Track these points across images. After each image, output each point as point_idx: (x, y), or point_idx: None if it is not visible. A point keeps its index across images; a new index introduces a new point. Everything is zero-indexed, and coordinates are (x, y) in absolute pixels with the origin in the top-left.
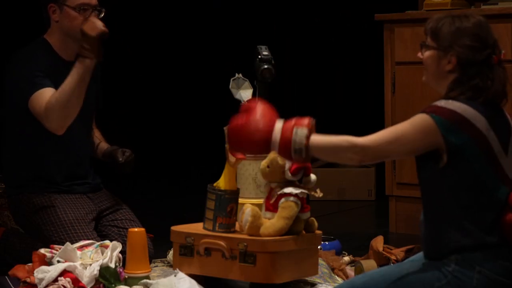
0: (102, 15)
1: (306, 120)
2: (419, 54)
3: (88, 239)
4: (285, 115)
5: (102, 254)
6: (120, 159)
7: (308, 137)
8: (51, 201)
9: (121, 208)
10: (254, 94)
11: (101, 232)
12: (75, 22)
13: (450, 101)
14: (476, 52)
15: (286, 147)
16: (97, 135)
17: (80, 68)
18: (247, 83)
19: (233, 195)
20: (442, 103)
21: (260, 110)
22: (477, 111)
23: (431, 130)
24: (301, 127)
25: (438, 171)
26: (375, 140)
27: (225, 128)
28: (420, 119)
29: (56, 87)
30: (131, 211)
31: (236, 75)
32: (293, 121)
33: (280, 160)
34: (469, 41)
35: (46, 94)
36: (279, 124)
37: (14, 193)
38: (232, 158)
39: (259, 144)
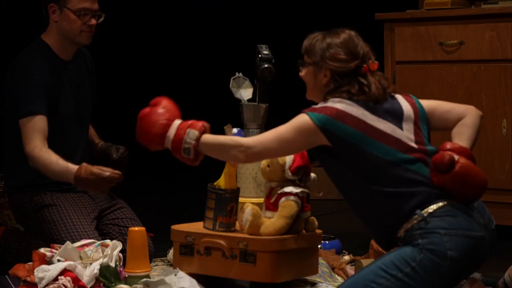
0: (101, 20)
1: (200, 123)
2: (300, 73)
3: (89, 238)
4: (285, 114)
5: (103, 253)
6: (114, 156)
7: (198, 139)
8: (53, 200)
9: (121, 207)
10: (254, 93)
11: (102, 230)
12: (73, 25)
13: (327, 100)
14: (346, 63)
15: (178, 145)
16: (91, 132)
17: (67, 178)
18: (247, 82)
19: (234, 194)
20: (320, 103)
21: (164, 105)
22: (353, 102)
23: (310, 128)
24: (193, 129)
25: (338, 164)
26: (258, 140)
27: (225, 127)
28: (298, 119)
29: (55, 87)
30: (132, 210)
31: (237, 74)
32: (189, 122)
33: (280, 159)
34: (338, 54)
35: (36, 127)
36: (176, 122)
37: (15, 192)
38: None
39: (155, 137)
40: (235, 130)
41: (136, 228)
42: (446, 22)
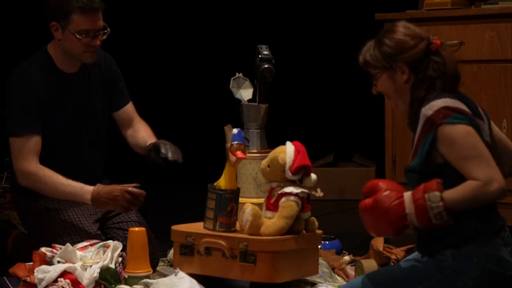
0: (106, 36)
1: (433, 183)
2: (374, 90)
3: (92, 238)
4: (286, 114)
5: (104, 254)
6: (170, 157)
7: (443, 199)
8: (54, 205)
9: None
10: (254, 94)
11: (106, 234)
12: (76, 46)
13: (434, 102)
14: (416, 48)
15: (424, 216)
16: (143, 131)
17: (80, 198)
18: (247, 83)
19: (234, 194)
20: (434, 107)
21: (385, 186)
22: (454, 99)
23: (471, 130)
24: (431, 192)
25: (441, 165)
26: (488, 167)
27: (225, 127)
28: (462, 130)
29: (49, 101)
30: (138, 212)
31: (237, 74)
32: (420, 188)
33: (280, 159)
34: (406, 43)
35: (27, 145)
36: (407, 195)
37: (21, 197)
38: (232, 158)
39: (396, 222)
40: (235, 130)
41: (136, 229)
42: (446, 22)
